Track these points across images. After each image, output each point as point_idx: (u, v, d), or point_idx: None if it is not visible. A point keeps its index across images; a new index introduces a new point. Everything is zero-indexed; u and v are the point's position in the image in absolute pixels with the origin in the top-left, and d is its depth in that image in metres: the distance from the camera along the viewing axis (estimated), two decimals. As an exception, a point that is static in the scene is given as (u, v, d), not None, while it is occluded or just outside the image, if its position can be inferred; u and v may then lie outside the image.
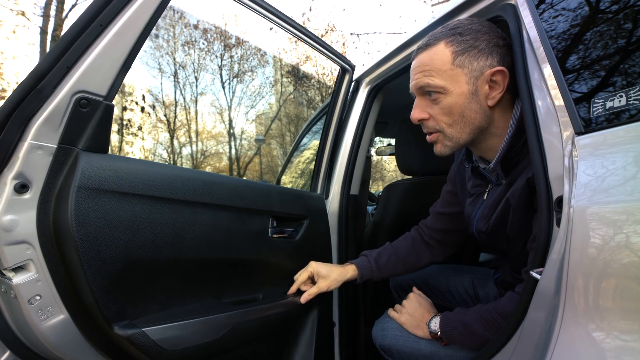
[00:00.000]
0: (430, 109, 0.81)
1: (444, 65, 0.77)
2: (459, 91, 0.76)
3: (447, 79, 0.77)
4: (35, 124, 0.66)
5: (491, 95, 0.77)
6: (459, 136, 0.80)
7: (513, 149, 0.79)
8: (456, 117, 0.78)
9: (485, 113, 0.78)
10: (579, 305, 0.52)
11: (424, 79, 0.79)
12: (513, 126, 0.77)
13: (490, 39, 0.76)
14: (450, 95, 0.77)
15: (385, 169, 14.40)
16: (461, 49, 0.76)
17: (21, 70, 10.36)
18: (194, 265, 0.91)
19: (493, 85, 0.77)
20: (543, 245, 0.61)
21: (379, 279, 1.13)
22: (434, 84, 0.78)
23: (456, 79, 0.76)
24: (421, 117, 0.82)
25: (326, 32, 12.92)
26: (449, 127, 0.80)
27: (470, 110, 0.77)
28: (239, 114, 13.65)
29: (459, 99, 0.77)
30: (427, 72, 0.79)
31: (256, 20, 6.04)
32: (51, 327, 0.71)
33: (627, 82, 0.54)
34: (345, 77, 1.38)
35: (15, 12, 8.93)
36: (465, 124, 0.79)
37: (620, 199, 0.49)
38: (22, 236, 0.66)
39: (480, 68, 0.76)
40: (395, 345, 0.95)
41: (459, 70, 0.76)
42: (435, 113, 0.80)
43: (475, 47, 0.75)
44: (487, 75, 0.75)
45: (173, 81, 12.68)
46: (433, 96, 0.79)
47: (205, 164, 13.40)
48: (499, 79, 0.76)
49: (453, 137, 0.81)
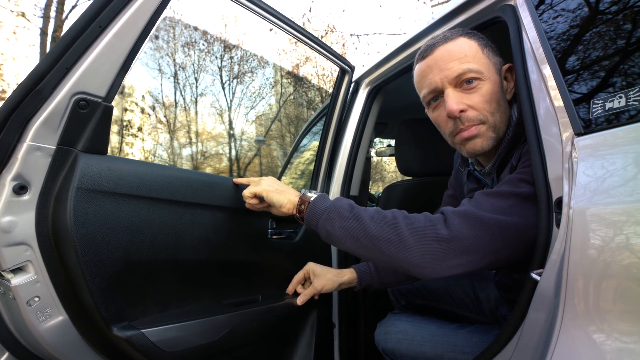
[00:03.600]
0: (468, 99, 0.75)
1: (477, 53, 0.76)
2: (494, 79, 0.76)
3: (483, 65, 0.75)
4: (34, 125, 0.66)
5: (509, 88, 0.80)
6: (500, 126, 0.77)
7: (510, 154, 0.79)
8: (495, 105, 0.76)
9: (507, 107, 0.79)
10: (579, 307, 0.51)
11: (462, 65, 0.74)
12: (511, 131, 0.78)
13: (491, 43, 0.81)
14: (489, 82, 0.75)
15: (385, 169, 14.40)
16: (483, 43, 0.78)
17: (21, 71, 10.37)
18: (193, 267, 0.90)
19: (507, 81, 0.80)
20: (543, 246, 0.61)
21: (380, 286, 1.07)
22: (475, 69, 0.74)
23: (489, 67, 0.76)
24: (461, 108, 0.75)
25: (326, 33, 12.93)
26: (492, 116, 0.76)
27: (503, 100, 0.77)
28: (239, 115, 13.66)
29: (495, 87, 0.76)
30: (463, 59, 0.75)
31: (256, 22, 6.05)
32: (50, 328, 0.71)
33: (627, 82, 0.54)
34: (345, 78, 1.38)
35: (16, 13, 8.94)
36: (502, 113, 0.77)
37: (620, 200, 0.48)
38: (21, 237, 0.66)
39: (499, 62, 0.79)
40: (398, 348, 0.95)
41: (488, 60, 0.77)
42: (476, 102, 0.75)
43: (489, 45, 0.79)
44: (504, 70, 0.79)
45: (173, 82, 12.69)
46: (473, 84, 0.74)
47: (205, 165, 13.40)
48: (509, 75, 0.80)
49: (496, 126, 0.77)
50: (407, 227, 0.64)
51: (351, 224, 0.69)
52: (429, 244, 0.62)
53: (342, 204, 0.73)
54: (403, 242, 0.63)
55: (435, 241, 0.62)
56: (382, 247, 0.66)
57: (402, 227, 0.64)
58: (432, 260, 0.62)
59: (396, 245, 0.64)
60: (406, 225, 0.65)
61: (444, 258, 0.62)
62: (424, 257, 0.62)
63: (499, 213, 0.63)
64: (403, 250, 0.63)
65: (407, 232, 0.64)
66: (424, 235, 0.63)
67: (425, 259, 0.62)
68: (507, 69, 0.80)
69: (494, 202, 0.65)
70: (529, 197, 0.64)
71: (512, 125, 0.77)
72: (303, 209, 0.78)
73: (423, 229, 0.63)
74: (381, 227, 0.66)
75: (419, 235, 0.63)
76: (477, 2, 0.90)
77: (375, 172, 13.36)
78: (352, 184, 1.43)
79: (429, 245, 0.62)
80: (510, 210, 0.64)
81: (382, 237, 0.65)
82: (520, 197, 0.64)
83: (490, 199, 0.66)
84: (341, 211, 0.71)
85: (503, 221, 0.62)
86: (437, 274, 0.63)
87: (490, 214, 0.63)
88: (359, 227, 0.68)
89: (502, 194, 0.66)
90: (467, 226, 0.62)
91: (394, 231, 0.65)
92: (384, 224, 0.66)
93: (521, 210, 0.64)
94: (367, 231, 0.66)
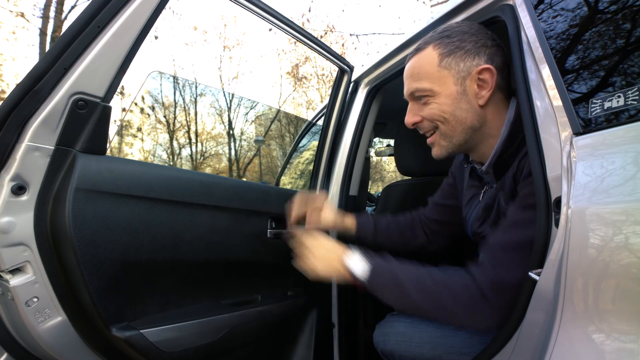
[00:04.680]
0: (421, 112, 0.83)
1: (431, 68, 0.79)
2: (447, 92, 0.79)
3: (435, 81, 0.79)
4: (32, 126, 0.66)
5: (480, 94, 0.78)
6: (452, 134, 0.81)
7: (506, 152, 0.78)
8: (447, 116, 0.80)
9: (476, 112, 0.79)
10: (578, 306, 0.51)
11: (413, 84, 0.82)
12: (507, 129, 0.78)
13: (477, 40, 0.77)
14: (439, 97, 0.79)
15: (385, 169, 14.39)
16: (447, 50, 0.78)
17: (20, 71, 10.36)
18: (192, 267, 0.90)
19: (482, 84, 0.78)
20: (541, 246, 0.61)
21: (373, 243, 1.12)
22: (422, 88, 0.80)
23: (444, 81, 0.79)
24: (414, 120, 0.85)
25: (325, 33, 12.94)
26: (443, 125, 0.81)
27: (460, 110, 0.79)
28: (238, 115, 13.66)
29: (448, 100, 0.79)
30: (415, 77, 0.82)
31: (255, 22, 5.92)
32: (49, 329, 0.71)
33: (626, 82, 0.54)
34: (344, 77, 1.38)
35: (15, 14, 8.93)
36: (457, 122, 0.80)
37: (619, 199, 0.48)
38: (20, 238, 0.66)
39: (467, 68, 0.77)
40: (397, 350, 0.95)
41: (445, 72, 0.78)
42: (427, 114, 0.82)
43: (461, 48, 0.77)
44: (474, 75, 0.77)
45: (172, 82, 12.68)
46: (422, 100, 0.82)
47: (205, 165, 13.40)
48: (487, 77, 0.77)
49: (447, 135, 0.82)
50: (452, 299, 0.72)
51: (403, 301, 0.78)
52: (475, 316, 0.71)
53: (386, 282, 0.79)
54: (452, 314, 0.73)
55: (480, 313, 0.71)
56: (429, 316, 0.79)
57: (446, 300, 0.72)
58: (479, 322, 0.72)
59: (444, 316, 0.75)
60: (450, 297, 0.72)
61: (490, 321, 0.71)
62: (471, 322, 0.73)
63: (518, 264, 0.68)
64: (451, 318, 0.75)
65: (455, 306, 0.72)
66: (469, 310, 0.71)
67: (472, 323, 0.73)
68: (482, 70, 0.76)
69: (513, 257, 0.69)
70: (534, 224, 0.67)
71: (509, 124, 0.77)
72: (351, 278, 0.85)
73: (469, 303, 0.71)
74: (427, 300, 0.74)
75: (464, 308, 0.71)
76: (476, 2, 0.90)
77: (374, 172, 13.36)
78: (352, 183, 1.43)
79: (475, 316, 0.71)
80: (523, 250, 0.68)
81: (429, 309, 0.75)
82: (531, 236, 0.67)
83: (510, 254, 0.70)
84: (388, 290, 0.79)
85: (521, 264, 0.67)
86: (489, 329, 0.73)
87: (513, 272, 0.68)
88: (409, 301, 0.76)
89: (516, 244, 0.70)
90: (502, 296, 0.68)
91: (439, 305, 0.73)
92: (430, 298, 0.74)
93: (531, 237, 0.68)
94: (416, 305, 0.76)
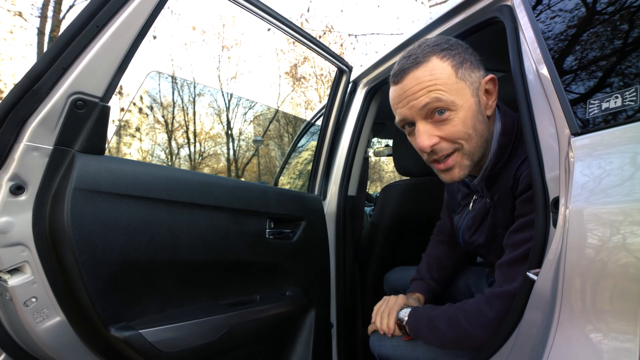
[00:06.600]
0: (439, 131, 0.73)
1: (449, 79, 0.70)
2: (467, 105, 0.71)
3: (455, 93, 0.70)
4: (31, 125, 0.66)
5: (488, 104, 0.76)
6: (475, 151, 0.75)
7: (497, 165, 0.79)
8: (471, 132, 0.72)
9: (486, 124, 0.76)
10: (576, 306, 0.52)
11: (431, 94, 0.70)
12: (496, 141, 0.77)
13: (471, 52, 0.76)
14: (460, 111, 0.71)
15: (383, 169, 14.40)
16: (458, 62, 0.72)
17: (18, 71, 10.33)
18: (191, 267, 0.90)
19: (487, 95, 0.76)
20: (539, 246, 0.61)
21: (444, 288, 1.16)
22: (445, 99, 0.69)
23: (462, 93, 0.71)
24: (432, 142, 0.73)
25: (324, 33, 12.94)
26: (467, 143, 0.73)
27: (479, 123, 0.74)
28: (237, 115, 13.65)
29: (469, 113, 0.72)
30: (432, 88, 0.70)
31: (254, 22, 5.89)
32: (47, 329, 0.70)
33: (624, 83, 0.54)
34: (343, 78, 1.38)
35: (13, 13, 8.90)
36: (478, 137, 0.74)
37: (616, 199, 0.49)
38: (18, 238, 0.66)
39: (477, 79, 0.74)
40: (393, 355, 0.95)
41: (462, 84, 0.71)
42: (448, 133, 0.72)
43: (467, 60, 0.73)
44: (483, 85, 0.74)
45: (171, 82, 12.67)
46: (444, 115, 0.71)
47: (204, 165, 13.38)
48: (491, 87, 0.76)
49: (470, 153, 0.75)
50: (466, 318, 0.78)
51: (434, 333, 0.83)
52: (482, 330, 0.75)
53: (424, 331, 0.86)
54: (469, 336, 0.77)
55: (492, 325, 0.74)
56: (454, 345, 0.82)
57: (463, 322, 0.77)
58: (488, 331, 0.75)
59: (468, 341, 0.78)
60: (465, 317, 0.78)
61: (494, 329, 0.74)
62: (483, 335, 0.76)
63: (522, 274, 0.69)
64: (470, 340, 0.78)
65: (468, 324, 0.77)
66: (478, 323, 0.76)
67: (483, 335, 0.76)
68: (489, 80, 0.74)
69: (521, 270, 0.70)
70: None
71: (498, 137, 0.77)
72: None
73: (477, 316, 0.76)
74: (450, 327, 0.80)
75: (474, 323, 0.76)
76: (475, 3, 0.90)
77: (373, 172, 13.37)
78: (350, 183, 1.43)
79: (482, 330, 0.75)
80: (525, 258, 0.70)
81: (455, 339, 0.80)
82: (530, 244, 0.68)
83: (516, 268, 0.72)
84: (427, 332, 0.85)
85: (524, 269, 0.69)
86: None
87: (517, 283, 0.70)
88: (442, 337, 0.82)
89: (520, 258, 0.72)
90: (506, 304, 0.72)
91: (460, 329, 0.78)
92: (451, 324, 0.79)
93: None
94: (447, 338, 0.80)
